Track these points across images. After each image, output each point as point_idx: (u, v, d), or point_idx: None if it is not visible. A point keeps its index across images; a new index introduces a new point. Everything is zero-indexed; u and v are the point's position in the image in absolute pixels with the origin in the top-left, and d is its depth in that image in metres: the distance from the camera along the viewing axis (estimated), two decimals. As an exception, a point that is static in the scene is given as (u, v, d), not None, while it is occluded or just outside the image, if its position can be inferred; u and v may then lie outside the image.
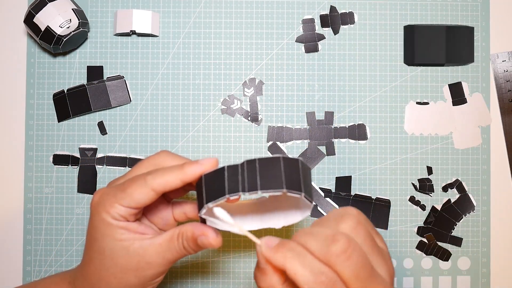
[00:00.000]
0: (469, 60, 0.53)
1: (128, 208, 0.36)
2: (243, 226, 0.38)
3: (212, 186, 0.35)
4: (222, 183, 0.34)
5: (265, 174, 0.33)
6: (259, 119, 0.54)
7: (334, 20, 0.54)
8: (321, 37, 0.54)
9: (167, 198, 0.41)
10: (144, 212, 0.40)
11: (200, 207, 0.35)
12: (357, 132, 0.54)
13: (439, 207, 0.54)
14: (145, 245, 0.37)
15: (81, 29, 0.49)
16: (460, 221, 0.54)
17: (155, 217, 0.40)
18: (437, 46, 0.53)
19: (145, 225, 0.39)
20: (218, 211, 0.34)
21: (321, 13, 0.54)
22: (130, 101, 0.53)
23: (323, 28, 0.54)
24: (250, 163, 0.34)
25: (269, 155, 0.53)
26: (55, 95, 0.53)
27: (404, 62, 0.54)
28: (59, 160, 0.53)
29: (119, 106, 0.53)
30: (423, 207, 0.54)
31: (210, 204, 0.34)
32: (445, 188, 0.54)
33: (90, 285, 0.38)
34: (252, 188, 0.33)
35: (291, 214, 0.38)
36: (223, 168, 0.35)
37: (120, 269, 0.37)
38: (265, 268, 0.32)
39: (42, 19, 0.48)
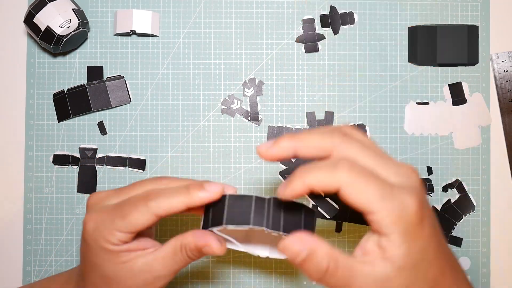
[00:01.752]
0: (474, 61, 0.54)
1: (128, 234, 0.35)
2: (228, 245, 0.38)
3: (236, 209, 0.34)
4: (249, 212, 0.34)
5: (288, 218, 0.34)
6: (259, 119, 0.54)
7: (334, 20, 0.54)
8: (321, 37, 0.54)
9: None
10: None
11: (214, 222, 0.35)
12: (357, 132, 0.54)
13: (439, 207, 0.54)
14: (149, 261, 0.36)
15: (81, 29, 0.49)
16: (460, 221, 0.54)
17: None
18: (458, 46, 0.53)
19: (144, 238, 0.37)
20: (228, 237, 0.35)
21: (321, 13, 0.54)
22: (130, 101, 0.53)
23: (323, 28, 0.54)
24: (277, 201, 0.34)
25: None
26: (55, 95, 0.53)
27: (415, 63, 0.54)
28: (59, 160, 0.53)
29: (119, 106, 0.53)
30: (423, 207, 0.54)
31: (230, 227, 0.34)
32: (445, 188, 0.54)
33: None
34: (275, 227, 0.34)
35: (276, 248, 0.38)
36: (251, 197, 0.35)
37: None
38: (290, 179, 0.31)
39: (42, 19, 0.48)
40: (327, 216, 0.53)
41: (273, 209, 0.34)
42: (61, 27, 0.48)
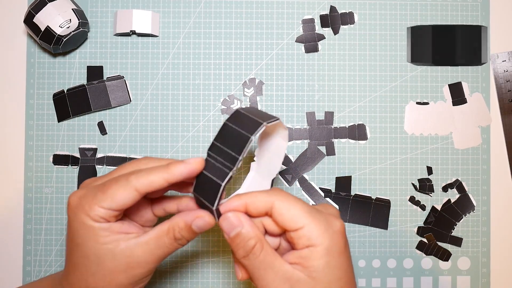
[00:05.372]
0: (482, 60, 0.54)
1: (109, 210, 0.35)
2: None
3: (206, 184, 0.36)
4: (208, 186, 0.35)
5: (230, 143, 0.34)
6: (259, 119, 0.54)
7: (334, 20, 0.54)
8: (321, 37, 0.54)
9: (146, 195, 0.39)
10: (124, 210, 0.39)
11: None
12: (357, 132, 0.54)
13: (439, 207, 0.54)
14: (131, 246, 0.36)
15: (81, 29, 0.49)
16: (460, 221, 0.54)
17: (135, 215, 0.39)
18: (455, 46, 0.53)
19: (128, 222, 0.37)
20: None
21: (321, 13, 0.54)
22: (130, 101, 0.53)
23: (323, 28, 0.54)
24: (216, 148, 0.35)
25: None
26: (55, 95, 0.53)
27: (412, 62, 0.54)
28: (59, 160, 0.53)
29: (119, 106, 0.53)
30: (423, 207, 0.54)
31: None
32: (445, 188, 0.54)
33: None
34: (232, 162, 0.34)
35: (279, 148, 0.40)
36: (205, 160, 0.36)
37: (109, 272, 0.35)
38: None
39: (42, 19, 0.48)
40: (327, 216, 0.53)
41: (221, 158, 0.35)
42: (61, 27, 0.48)
